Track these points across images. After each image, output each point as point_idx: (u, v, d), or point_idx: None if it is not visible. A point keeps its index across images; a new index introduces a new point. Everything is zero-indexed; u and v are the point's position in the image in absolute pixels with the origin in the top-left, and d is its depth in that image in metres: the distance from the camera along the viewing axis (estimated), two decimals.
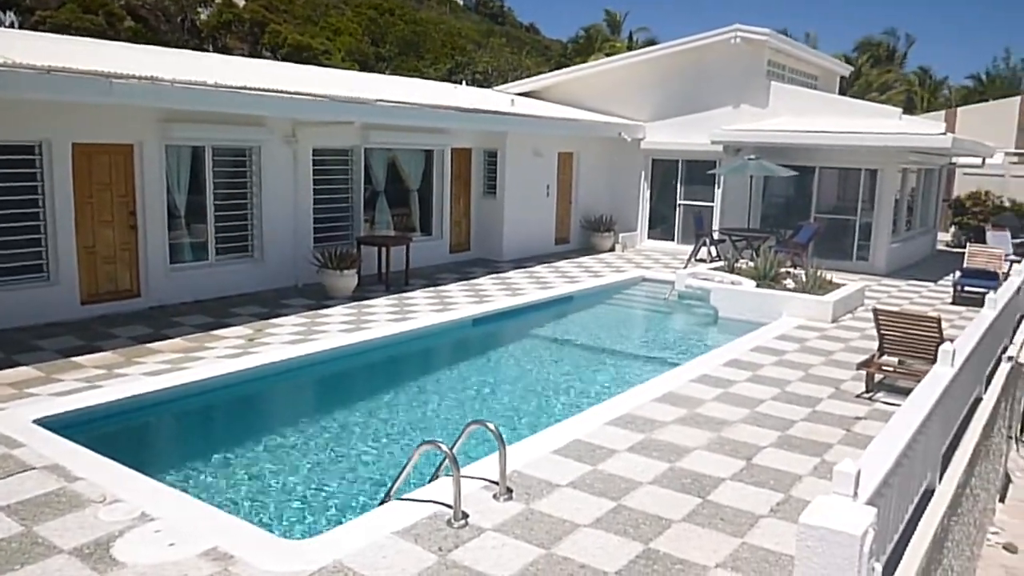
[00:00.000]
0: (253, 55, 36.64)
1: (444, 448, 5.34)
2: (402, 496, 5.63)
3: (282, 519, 5.92)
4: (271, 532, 5.44)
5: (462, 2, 72.34)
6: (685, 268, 15.79)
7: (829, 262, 16.15)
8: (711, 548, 5.06)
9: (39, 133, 10.14)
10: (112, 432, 7.38)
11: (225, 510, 5.67)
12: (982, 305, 9.01)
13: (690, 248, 18.32)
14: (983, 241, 19.47)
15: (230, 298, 12.33)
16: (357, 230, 14.78)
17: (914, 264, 19.43)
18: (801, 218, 18.02)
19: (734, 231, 17.86)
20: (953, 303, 14.36)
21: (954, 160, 23.99)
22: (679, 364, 9.81)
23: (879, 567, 3.93)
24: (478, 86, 30.11)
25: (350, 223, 14.77)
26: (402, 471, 5.65)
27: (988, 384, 8.76)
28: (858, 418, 7.80)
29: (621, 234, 20.24)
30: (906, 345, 8.80)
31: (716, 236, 18.13)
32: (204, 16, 43.60)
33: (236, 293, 12.58)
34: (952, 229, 25.70)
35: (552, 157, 18.88)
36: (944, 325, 8.63)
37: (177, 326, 10.54)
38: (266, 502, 6.18)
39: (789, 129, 17.39)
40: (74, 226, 10.56)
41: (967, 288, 14.52)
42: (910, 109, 37.97)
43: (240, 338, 10.05)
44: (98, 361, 8.81)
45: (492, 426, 5.72)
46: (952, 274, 15.49)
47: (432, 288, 13.94)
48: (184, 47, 30.24)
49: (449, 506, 5.32)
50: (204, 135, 11.99)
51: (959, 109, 32.10)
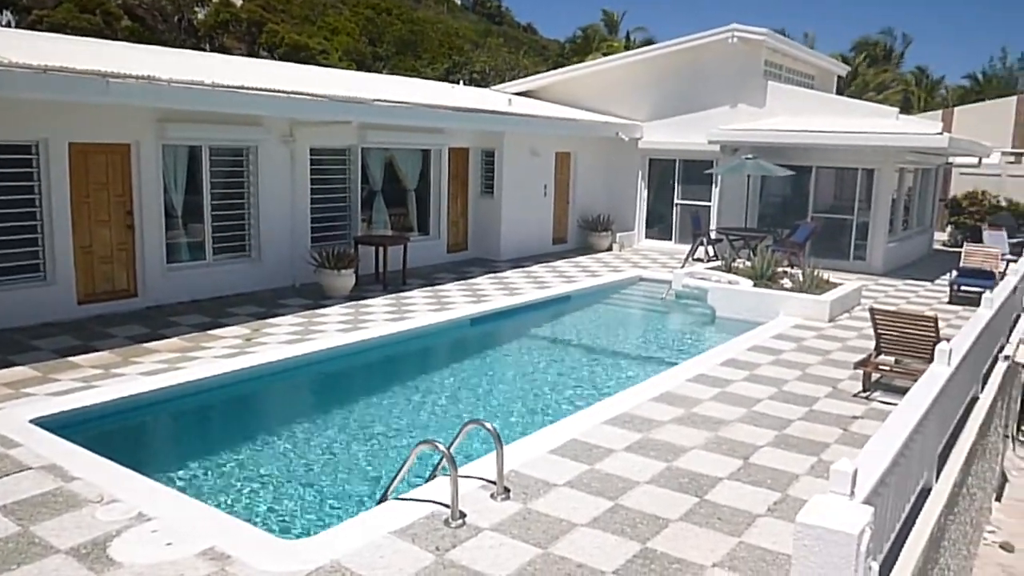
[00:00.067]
0: (250, 55, 36.57)
1: (441, 448, 5.34)
2: (399, 496, 5.63)
3: (279, 519, 5.92)
4: (268, 532, 5.43)
5: (459, 2, 72.25)
6: (682, 268, 15.80)
7: (826, 261, 16.16)
8: (708, 547, 5.07)
9: (36, 133, 10.13)
10: (109, 432, 7.38)
11: (222, 510, 5.66)
12: (978, 304, 9.02)
13: (687, 248, 18.34)
14: (980, 240, 19.48)
15: (227, 298, 12.32)
16: (354, 230, 14.77)
17: (911, 263, 19.46)
18: (798, 218, 18.04)
19: (731, 230, 17.87)
20: (950, 302, 14.38)
21: (951, 160, 24.05)
22: (676, 364, 9.82)
23: (876, 566, 3.94)
24: (475, 86, 30.07)
25: (347, 223, 14.76)
26: (399, 471, 5.65)
27: (985, 383, 8.78)
28: (855, 417, 7.81)
29: (619, 234, 20.24)
30: (903, 344, 8.81)
31: (713, 236, 18.14)
32: (201, 16, 43.53)
33: (233, 293, 12.57)
34: (949, 229, 25.75)
35: (549, 157, 18.88)
36: (941, 324, 8.64)
37: (174, 326, 10.54)
38: (263, 502, 6.17)
39: (786, 129, 17.41)
40: (71, 226, 10.55)
41: (964, 287, 14.55)
42: (907, 109, 38.00)
43: (237, 338, 10.04)
44: (95, 361, 8.81)
45: (489, 426, 5.72)
46: (949, 273, 15.54)
47: (430, 288, 13.94)
48: (181, 47, 30.18)
49: (446, 506, 5.32)
50: (201, 135, 11.98)
51: (956, 109, 32.20)
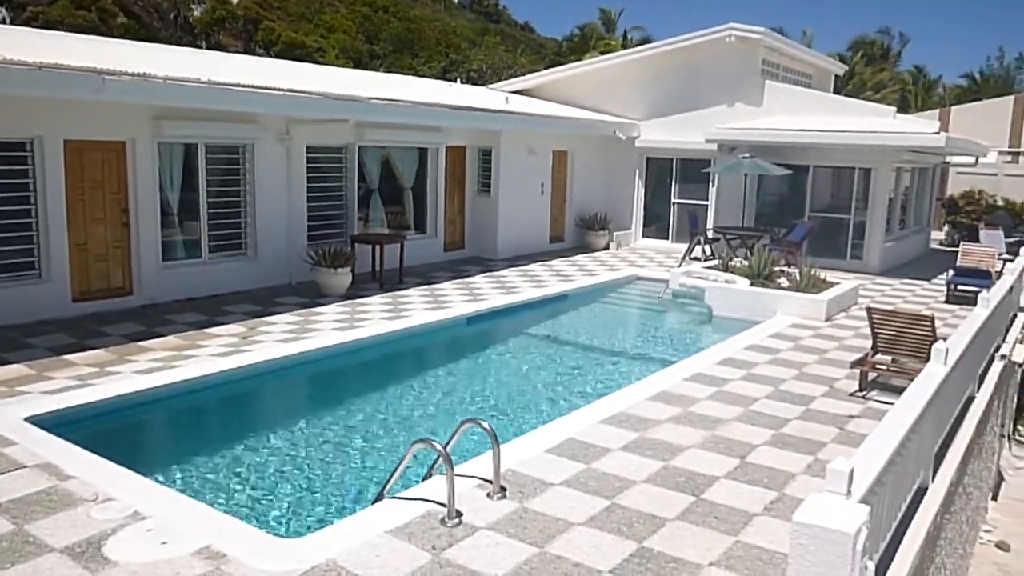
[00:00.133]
0: (247, 52, 36.49)
1: (438, 446, 5.32)
2: (395, 495, 5.61)
3: (275, 517, 5.90)
4: (264, 530, 5.41)
5: (456, 0, 72.22)
6: (679, 267, 15.80)
7: (823, 261, 16.18)
8: (705, 546, 5.06)
9: (31, 130, 10.09)
10: (104, 430, 7.35)
11: (218, 508, 5.64)
12: (975, 304, 9.02)
13: (684, 247, 18.34)
14: (976, 240, 19.53)
15: (223, 296, 12.29)
16: (351, 228, 14.74)
17: (908, 263, 19.48)
18: (795, 217, 18.04)
19: (728, 229, 17.88)
20: (946, 302, 14.40)
21: (948, 159, 24.07)
22: (673, 363, 9.81)
23: (872, 565, 3.94)
24: (472, 84, 30.07)
25: (344, 221, 14.73)
26: (395, 470, 5.63)
27: (981, 382, 8.79)
28: (852, 416, 7.81)
29: (616, 233, 20.23)
30: (900, 343, 8.82)
31: (710, 235, 18.15)
32: (197, 13, 43.48)
33: (229, 291, 12.54)
34: (946, 228, 25.79)
35: (546, 155, 18.86)
36: (937, 324, 8.65)
37: (170, 324, 10.51)
38: (259, 500, 6.16)
39: (783, 128, 17.41)
40: (66, 223, 10.52)
41: (960, 287, 14.57)
42: (904, 108, 38.05)
43: (233, 336, 10.01)
44: (90, 359, 8.78)
45: (486, 424, 5.70)
46: (945, 273, 15.55)
47: (426, 286, 13.92)
48: (177, 44, 30.12)
49: (443, 505, 5.30)
50: (197, 132, 11.94)
51: (953, 108, 32.20)
